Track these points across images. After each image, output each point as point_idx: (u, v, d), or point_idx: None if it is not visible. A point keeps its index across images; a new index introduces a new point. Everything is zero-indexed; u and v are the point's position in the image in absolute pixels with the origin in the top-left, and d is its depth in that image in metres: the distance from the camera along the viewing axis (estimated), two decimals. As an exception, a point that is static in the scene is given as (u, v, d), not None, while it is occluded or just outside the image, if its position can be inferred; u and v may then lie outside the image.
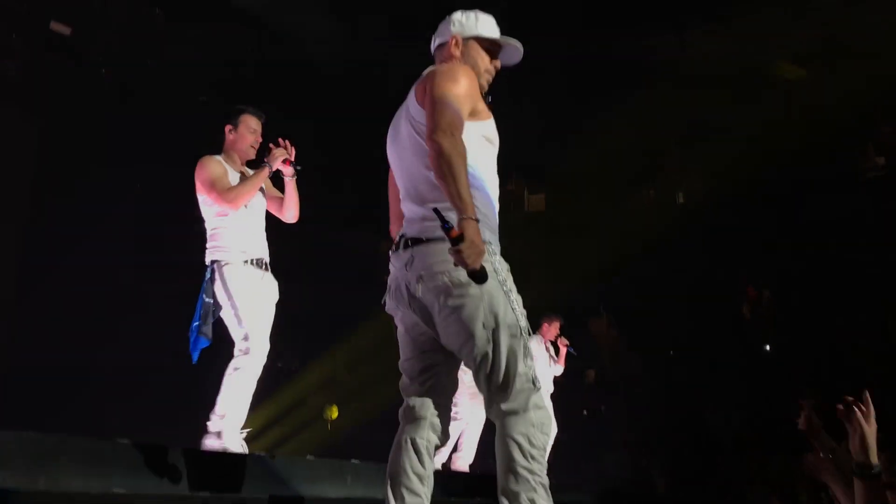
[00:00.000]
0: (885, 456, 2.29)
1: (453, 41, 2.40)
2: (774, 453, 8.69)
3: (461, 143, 2.14)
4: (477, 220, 2.07)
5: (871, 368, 9.21)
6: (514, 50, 2.44)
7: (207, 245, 3.87)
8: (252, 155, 4.00)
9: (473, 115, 2.30)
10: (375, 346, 10.59)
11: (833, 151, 11.66)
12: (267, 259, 3.96)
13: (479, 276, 2.10)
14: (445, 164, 2.14)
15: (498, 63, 2.45)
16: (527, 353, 2.20)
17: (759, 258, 11.77)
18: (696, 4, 14.16)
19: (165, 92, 9.63)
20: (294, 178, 3.98)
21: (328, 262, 12.43)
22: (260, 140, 4.01)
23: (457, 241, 2.06)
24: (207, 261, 3.83)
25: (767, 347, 10.84)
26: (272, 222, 4.13)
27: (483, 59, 2.41)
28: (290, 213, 4.06)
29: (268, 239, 4.06)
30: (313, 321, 11.07)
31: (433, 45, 2.48)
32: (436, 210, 2.12)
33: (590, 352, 11.14)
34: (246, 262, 3.83)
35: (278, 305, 4.00)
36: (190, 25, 10.10)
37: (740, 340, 10.89)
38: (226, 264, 3.78)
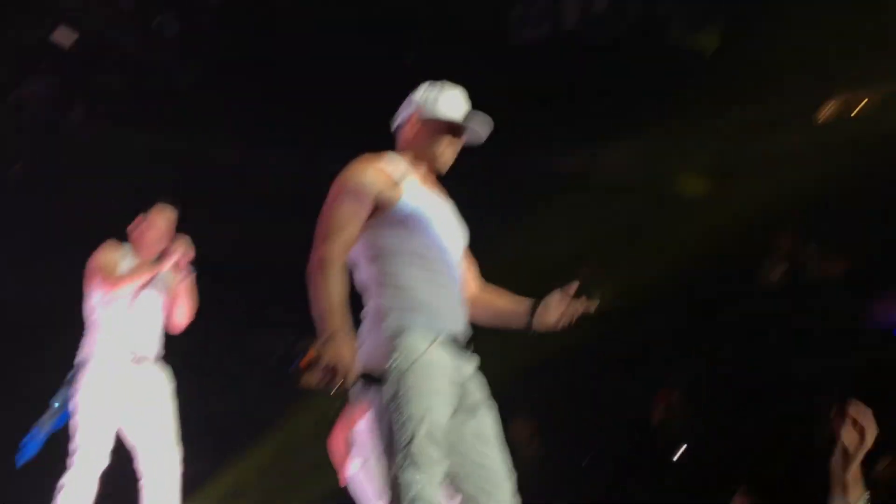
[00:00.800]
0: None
1: (409, 124, 2.38)
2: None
3: (317, 261, 2.13)
4: (335, 332, 2.03)
5: (780, 474, 9.35)
6: (479, 129, 2.41)
7: (82, 341, 3.67)
8: (161, 248, 3.89)
9: (382, 206, 2.28)
10: (292, 448, 10.23)
11: (738, 261, 12.13)
12: (151, 354, 3.74)
13: (368, 380, 2.05)
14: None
15: (459, 144, 2.42)
16: (410, 464, 2.10)
17: (672, 363, 11.97)
18: (607, 118, 14.85)
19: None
20: (191, 278, 3.85)
21: (241, 361, 12.12)
22: (171, 234, 3.91)
23: (312, 365, 2.05)
24: (78, 359, 3.61)
25: (675, 456, 10.89)
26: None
27: (440, 143, 2.38)
28: (181, 313, 3.90)
29: (182, 338, 3.92)
30: (227, 423, 10.67)
31: (393, 126, 2.45)
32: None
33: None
34: (119, 357, 3.61)
35: (189, 408, 3.82)
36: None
37: (652, 447, 10.93)
38: (87, 365, 3.54)
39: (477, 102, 2.58)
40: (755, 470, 9.54)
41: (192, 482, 9.69)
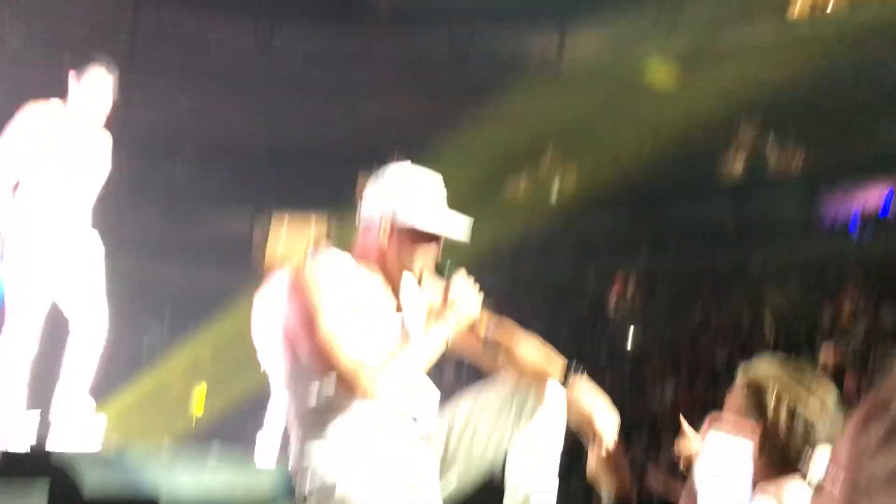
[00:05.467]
0: None
1: (380, 229, 1.97)
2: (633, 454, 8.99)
3: None
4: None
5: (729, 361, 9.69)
6: (459, 234, 2.02)
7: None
8: (103, 112, 3.56)
9: None
10: (244, 331, 10.23)
11: (699, 155, 12.19)
12: (81, 221, 3.49)
13: None
14: None
15: (436, 248, 2.04)
16: None
17: (628, 257, 12.15)
18: (577, 5, 14.54)
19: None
20: None
21: (200, 241, 11.97)
22: (107, 96, 3.52)
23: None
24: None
25: (629, 346, 11.13)
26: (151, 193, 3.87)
27: (415, 252, 1.98)
28: None
29: (142, 216, 3.77)
30: (181, 301, 10.66)
31: (358, 224, 2.02)
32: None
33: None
34: (44, 225, 3.40)
35: (143, 283, 3.74)
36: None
37: (607, 338, 11.18)
38: (18, 225, 3.35)
39: None
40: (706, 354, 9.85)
41: (149, 355, 9.80)
